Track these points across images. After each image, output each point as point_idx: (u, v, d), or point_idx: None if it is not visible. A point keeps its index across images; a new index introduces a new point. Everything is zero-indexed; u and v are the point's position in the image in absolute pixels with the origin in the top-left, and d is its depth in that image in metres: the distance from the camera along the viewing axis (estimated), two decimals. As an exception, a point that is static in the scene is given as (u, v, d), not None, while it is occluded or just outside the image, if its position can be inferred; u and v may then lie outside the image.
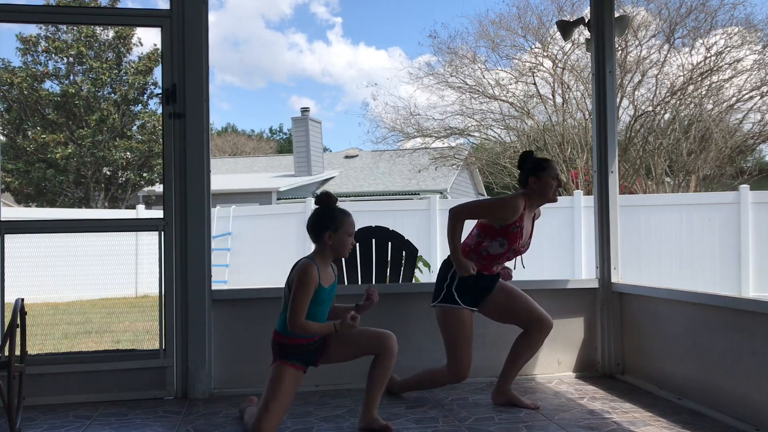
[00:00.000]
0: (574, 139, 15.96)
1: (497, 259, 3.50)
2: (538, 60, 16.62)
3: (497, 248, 3.45)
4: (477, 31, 21.55)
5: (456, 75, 17.56)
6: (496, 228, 3.43)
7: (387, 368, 3.11)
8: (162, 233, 3.90)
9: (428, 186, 19.74)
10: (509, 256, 3.53)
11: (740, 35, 15.01)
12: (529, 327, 3.59)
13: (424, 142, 18.98)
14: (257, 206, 16.64)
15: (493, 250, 3.45)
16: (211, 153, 4.10)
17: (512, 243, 3.44)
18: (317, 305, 3.04)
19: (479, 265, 3.49)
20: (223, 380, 3.98)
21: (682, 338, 3.69)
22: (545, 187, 3.46)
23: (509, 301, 3.61)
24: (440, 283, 3.56)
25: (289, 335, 3.04)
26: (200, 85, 3.89)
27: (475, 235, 3.52)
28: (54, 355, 4.15)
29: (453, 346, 3.52)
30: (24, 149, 17.87)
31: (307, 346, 3.08)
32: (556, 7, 16.33)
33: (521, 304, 3.60)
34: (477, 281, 3.51)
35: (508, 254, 3.49)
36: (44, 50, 18.12)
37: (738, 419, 3.22)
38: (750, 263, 10.31)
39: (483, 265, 3.51)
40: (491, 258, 3.49)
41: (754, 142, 16.17)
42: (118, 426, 3.35)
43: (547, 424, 3.29)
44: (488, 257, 3.49)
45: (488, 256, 3.48)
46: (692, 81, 15.19)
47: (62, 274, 10.96)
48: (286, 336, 3.05)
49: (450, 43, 19.65)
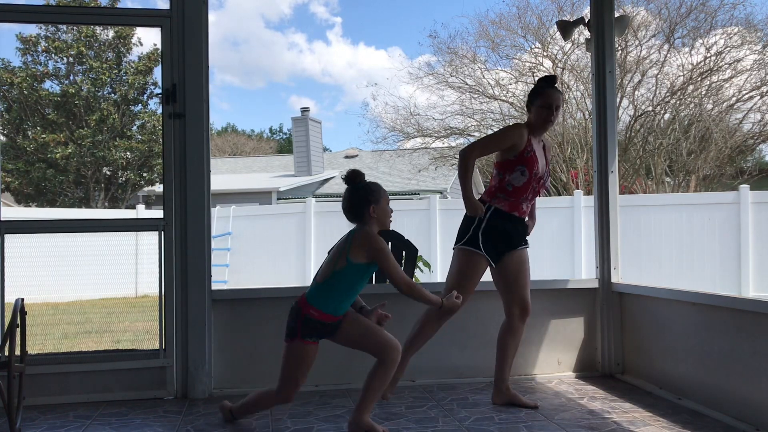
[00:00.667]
0: (574, 139, 15.96)
1: (524, 193, 3.47)
2: (538, 60, 16.64)
3: (520, 178, 3.44)
4: (477, 31, 21.59)
5: (456, 75, 17.58)
6: (511, 159, 3.45)
7: (386, 377, 3.04)
8: (162, 233, 3.90)
9: (428, 186, 19.74)
10: (535, 188, 3.50)
11: (740, 35, 15.03)
12: (512, 309, 3.57)
13: (424, 142, 18.99)
14: (257, 206, 16.63)
15: (517, 181, 3.45)
16: (211, 153, 4.10)
17: (532, 167, 3.43)
18: (362, 280, 2.99)
19: (508, 205, 3.47)
20: (223, 380, 3.98)
21: (682, 338, 3.69)
22: (537, 117, 3.51)
23: (518, 268, 3.55)
24: (466, 226, 3.53)
25: (321, 309, 2.94)
26: (200, 85, 3.89)
27: (496, 175, 3.52)
28: (54, 355, 4.15)
29: (455, 284, 3.47)
30: (24, 149, 17.87)
31: (331, 325, 3.00)
32: (556, 7, 16.36)
33: (520, 283, 3.57)
34: (504, 224, 3.48)
35: (533, 184, 3.47)
36: (44, 50, 18.12)
37: (738, 419, 3.22)
38: (750, 263, 10.30)
39: (512, 204, 3.48)
40: (518, 192, 3.46)
41: (754, 142, 16.19)
42: (118, 426, 3.35)
43: (547, 424, 3.29)
44: (515, 192, 3.46)
45: (514, 190, 3.46)
46: (692, 81, 15.20)
47: (62, 274, 10.97)
48: (317, 309, 2.95)
49: (450, 43, 19.70)
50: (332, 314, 2.98)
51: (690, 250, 10.68)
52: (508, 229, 3.51)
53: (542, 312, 4.29)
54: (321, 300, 2.96)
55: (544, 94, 3.50)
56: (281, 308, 4.05)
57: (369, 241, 2.94)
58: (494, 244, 3.49)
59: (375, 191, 3.03)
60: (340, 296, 2.98)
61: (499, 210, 3.49)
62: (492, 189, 3.53)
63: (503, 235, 3.50)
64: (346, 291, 2.98)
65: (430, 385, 4.04)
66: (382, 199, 3.03)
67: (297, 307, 3.00)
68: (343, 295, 2.98)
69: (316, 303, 2.96)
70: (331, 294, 2.97)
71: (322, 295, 2.97)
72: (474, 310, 4.16)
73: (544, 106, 3.49)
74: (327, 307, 2.96)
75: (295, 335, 2.98)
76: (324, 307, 2.95)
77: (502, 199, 3.49)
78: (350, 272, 2.96)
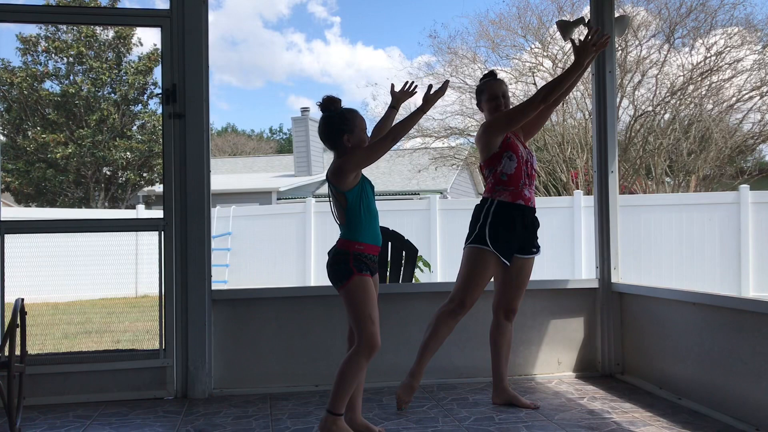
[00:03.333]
0: (574, 139, 15.96)
1: (519, 178, 3.48)
2: (538, 60, 16.63)
3: (509, 164, 3.47)
4: (477, 31, 21.59)
5: (456, 75, 17.57)
6: (496, 152, 3.49)
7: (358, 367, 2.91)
8: (162, 233, 3.90)
9: (428, 186, 19.73)
10: (526, 171, 3.51)
11: (740, 35, 15.02)
12: (501, 310, 3.59)
13: (424, 142, 18.97)
14: (257, 206, 16.62)
15: (508, 168, 3.47)
16: (211, 153, 4.10)
17: (516, 151, 3.48)
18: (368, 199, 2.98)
19: (510, 195, 3.48)
20: (223, 380, 3.98)
21: (682, 338, 3.69)
22: (489, 110, 3.60)
23: (520, 275, 3.58)
24: (473, 225, 3.54)
25: (361, 240, 2.94)
26: (200, 85, 3.89)
27: (487, 174, 3.56)
28: (54, 355, 4.15)
29: (463, 283, 3.48)
30: (24, 149, 17.87)
31: (374, 259, 2.99)
32: (556, 7, 16.35)
33: (519, 290, 3.59)
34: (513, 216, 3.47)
35: (523, 167, 3.49)
36: (44, 50, 18.12)
37: (738, 419, 3.22)
38: (750, 263, 10.30)
39: (513, 193, 3.48)
40: (514, 179, 3.47)
41: (754, 142, 16.17)
42: (118, 426, 3.35)
43: (547, 424, 3.29)
44: (510, 180, 3.47)
45: (509, 179, 3.47)
46: (692, 81, 15.19)
47: (62, 274, 10.97)
48: (359, 242, 2.94)
49: (450, 43, 19.70)
50: (374, 243, 2.98)
51: (690, 250, 10.67)
52: (518, 226, 3.49)
53: (542, 312, 4.29)
54: (357, 234, 2.95)
55: (486, 89, 3.61)
56: (281, 308, 4.08)
57: (339, 167, 2.93)
58: (505, 241, 3.47)
59: (349, 120, 2.97)
60: (368, 222, 2.97)
61: (503, 202, 3.48)
62: (489, 186, 3.55)
63: (514, 232, 3.48)
64: (367, 216, 2.97)
65: (430, 385, 4.04)
66: (356, 128, 2.97)
67: (343, 251, 2.96)
68: (368, 220, 2.97)
69: (356, 237, 2.95)
70: (362, 224, 2.96)
71: (355, 230, 2.95)
72: (474, 310, 4.15)
73: (491, 99, 3.58)
74: (366, 237, 2.96)
75: (351, 273, 2.91)
76: (364, 238, 2.95)
77: (502, 191, 3.49)
78: (354, 199, 2.94)
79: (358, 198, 2.95)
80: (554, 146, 16.09)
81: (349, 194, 2.93)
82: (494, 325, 3.64)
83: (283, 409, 3.59)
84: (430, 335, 3.55)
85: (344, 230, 2.99)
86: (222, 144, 35.94)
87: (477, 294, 3.49)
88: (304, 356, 4.04)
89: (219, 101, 56.39)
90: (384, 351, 3.96)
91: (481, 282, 3.50)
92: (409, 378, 3.55)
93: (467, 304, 3.50)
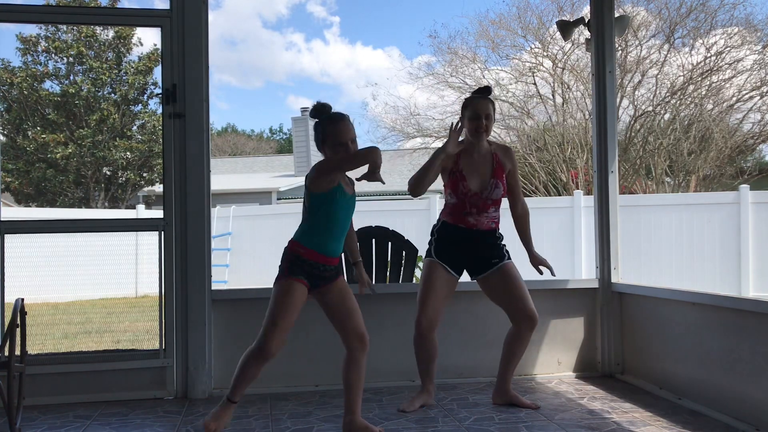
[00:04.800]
0: (574, 139, 15.95)
1: (462, 208, 3.51)
2: (538, 60, 16.62)
3: (449, 198, 3.56)
4: (477, 31, 21.52)
5: (456, 75, 17.58)
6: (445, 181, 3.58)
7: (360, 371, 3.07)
8: (162, 233, 3.90)
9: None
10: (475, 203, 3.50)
11: (740, 35, 15.02)
12: (518, 320, 3.55)
13: (424, 142, 18.97)
14: (257, 206, 16.62)
15: (451, 198, 3.55)
16: (211, 153, 4.10)
17: (456, 189, 3.52)
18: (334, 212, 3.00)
19: (452, 218, 3.55)
20: (223, 380, 3.97)
21: (682, 338, 3.69)
22: (469, 127, 3.59)
23: (505, 285, 3.55)
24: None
25: (304, 244, 3.01)
26: (200, 85, 3.89)
27: None
28: (54, 355, 4.15)
29: (423, 295, 3.54)
30: (24, 149, 17.86)
31: (323, 268, 3.02)
32: (556, 7, 16.35)
33: (516, 296, 3.54)
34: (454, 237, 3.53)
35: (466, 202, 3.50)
36: (44, 50, 18.11)
37: (738, 419, 3.22)
38: (750, 263, 10.29)
39: (455, 218, 3.54)
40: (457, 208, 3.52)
41: (754, 142, 16.17)
42: (118, 426, 3.35)
43: (547, 424, 3.29)
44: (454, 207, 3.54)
45: (452, 206, 3.55)
46: (692, 81, 15.19)
47: (62, 274, 10.95)
48: (304, 247, 3.01)
49: (450, 43, 19.67)
50: (319, 252, 3.00)
51: (690, 250, 10.67)
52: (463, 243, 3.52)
53: (542, 312, 4.27)
54: (304, 237, 3.02)
55: (471, 105, 3.57)
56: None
57: (316, 171, 2.98)
58: (448, 254, 3.54)
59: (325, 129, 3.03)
60: (320, 230, 3.01)
61: (446, 222, 3.57)
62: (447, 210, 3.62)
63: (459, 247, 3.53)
64: (324, 224, 3.00)
65: (430, 385, 4.03)
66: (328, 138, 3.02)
67: (286, 249, 3.07)
68: (322, 229, 3.01)
69: (302, 240, 3.03)
70: (312, 230, 3.01)
71: (305, 233, 3.03)
72: (474, 310, 4.17)
73: (472, 117, 3.55)
74: (312, 243, 3.00)
75: (282, 274, 3.02)
76: (310, 244, 3.00)
77: (447, 213, 3.59)
78: (318, 203, 2.99)
79: (323, 204, 2.99)
80: (554, 146, 16.09)
81: (314, 196, 2.99)
82: (514, 332, 3.59)
83: (283, 409, 3.60)
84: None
85: (298, 230, 3.08)
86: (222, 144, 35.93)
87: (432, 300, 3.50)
88: (304, 356, 4.04)
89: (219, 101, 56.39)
90: (383, 351, 3.98)
91: (437, 292, 3.51)
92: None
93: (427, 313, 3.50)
